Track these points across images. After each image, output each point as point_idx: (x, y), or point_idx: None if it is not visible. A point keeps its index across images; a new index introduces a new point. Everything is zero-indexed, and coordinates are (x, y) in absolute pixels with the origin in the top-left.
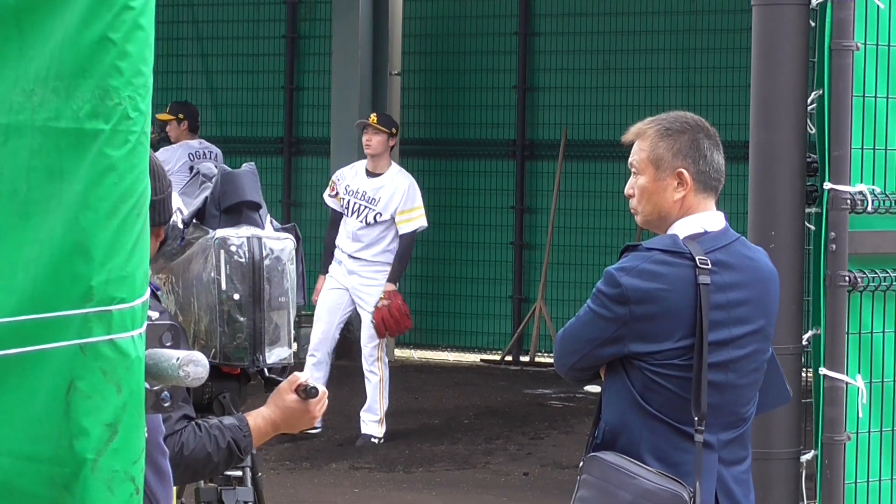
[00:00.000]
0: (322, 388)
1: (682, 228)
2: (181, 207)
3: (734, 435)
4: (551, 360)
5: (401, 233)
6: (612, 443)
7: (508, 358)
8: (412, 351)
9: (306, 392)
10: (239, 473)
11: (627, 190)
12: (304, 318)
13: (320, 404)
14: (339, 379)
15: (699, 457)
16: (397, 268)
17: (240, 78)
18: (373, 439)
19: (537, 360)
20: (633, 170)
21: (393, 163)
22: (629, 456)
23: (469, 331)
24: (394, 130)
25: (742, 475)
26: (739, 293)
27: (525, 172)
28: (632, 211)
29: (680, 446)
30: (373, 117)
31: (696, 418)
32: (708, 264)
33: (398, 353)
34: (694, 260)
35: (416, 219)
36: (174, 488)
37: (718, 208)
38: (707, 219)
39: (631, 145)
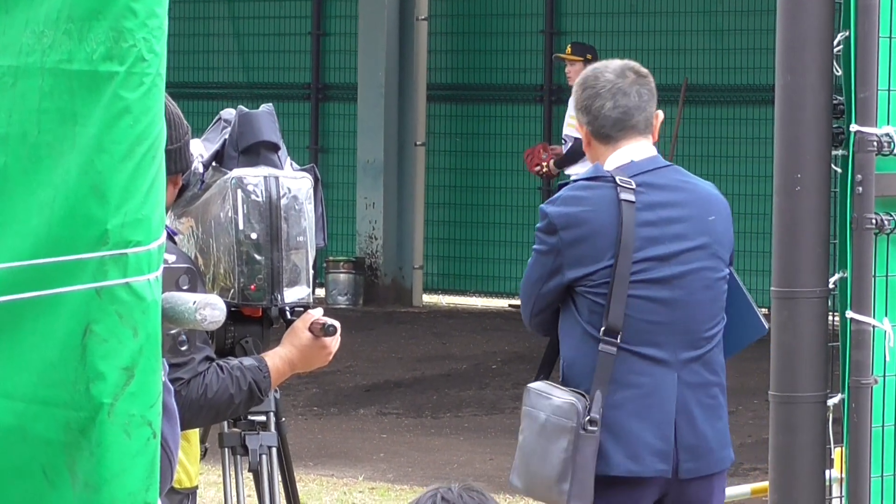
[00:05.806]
0: (337, 325)
1: (610, 163)
2: (202, 153)
3: (695, 354)
4: None
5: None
6: (571, 377)
7: None
8: (440, 296)
9: (324, 329)
10: (263, 418)
11: None
12: (332, 263)
13: (335, 340)
14: (366, 324)
15: (602, 366)
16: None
17: (266, 24)
18: None
19: None
20: None
21: None
22: (585, 384)
23: (497, 276)
24: (589, 56)
25: (708, 400)
26: (673, 211)
27: (553, 117)
28: None
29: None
30: (568, 49)
31: (602, 328)
32: (631, 185)
33: (426, 298)
34: (615, 181)
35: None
36: (197, 432)
37: (747, 153)
38: (633, 150)
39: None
